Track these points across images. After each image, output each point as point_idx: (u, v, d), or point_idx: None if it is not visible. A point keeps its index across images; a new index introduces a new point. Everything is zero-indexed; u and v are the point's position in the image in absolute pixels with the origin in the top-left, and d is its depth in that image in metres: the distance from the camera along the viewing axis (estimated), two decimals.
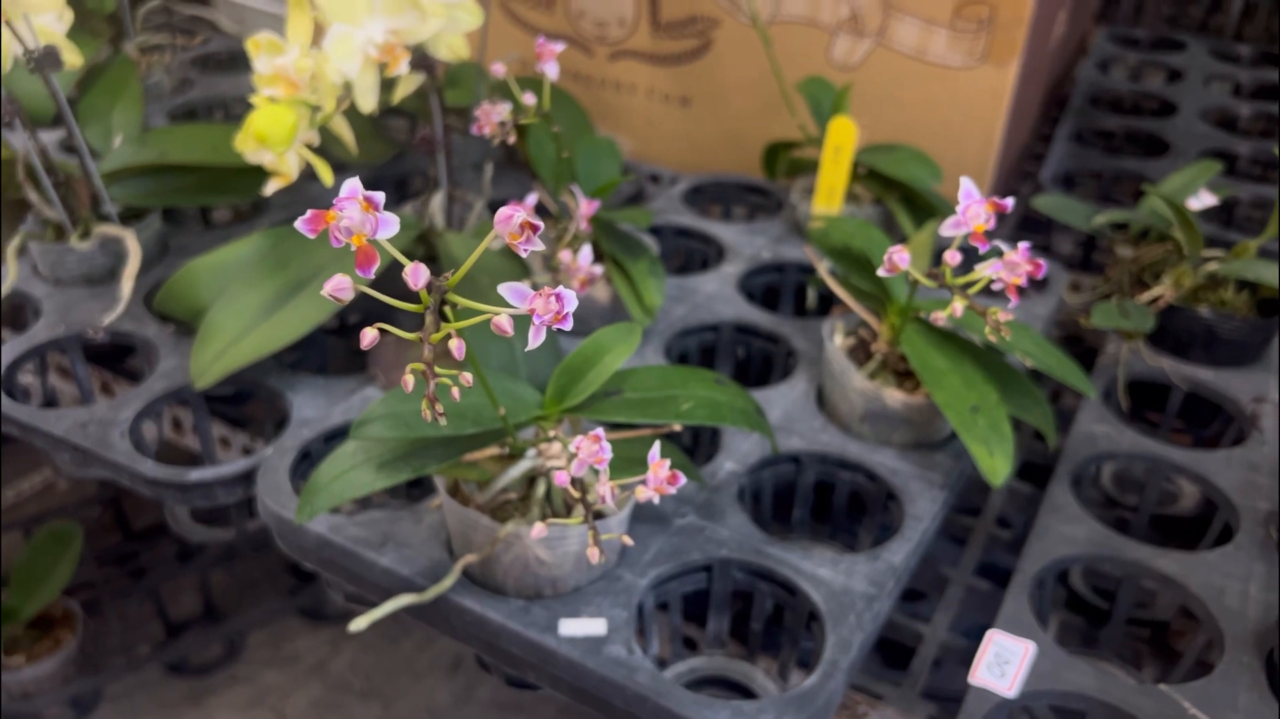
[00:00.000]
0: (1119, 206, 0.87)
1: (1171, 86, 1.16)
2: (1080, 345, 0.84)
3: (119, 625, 1.19)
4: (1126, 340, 0.73)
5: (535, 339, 0.33)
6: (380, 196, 0.32)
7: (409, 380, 0.33)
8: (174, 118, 1.02)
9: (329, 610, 1.28)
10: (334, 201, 0.31)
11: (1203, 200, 0.77)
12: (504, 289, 0.33)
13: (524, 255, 0.32)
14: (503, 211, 0.32)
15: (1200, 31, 1.34)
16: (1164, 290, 0.73)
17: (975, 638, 0.53)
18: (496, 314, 0.33)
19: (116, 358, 0.80)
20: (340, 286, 0.32)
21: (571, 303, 0.33)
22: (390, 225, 0.32)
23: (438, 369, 0.34)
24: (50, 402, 0.79)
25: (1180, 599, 0.56)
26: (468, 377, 0.34)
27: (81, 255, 0.75)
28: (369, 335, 0.32)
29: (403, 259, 0.33)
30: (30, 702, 1.09)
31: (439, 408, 0.33)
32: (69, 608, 1.14)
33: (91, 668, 1.14)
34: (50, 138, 0.92)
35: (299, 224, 0.31)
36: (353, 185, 0.32)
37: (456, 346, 0.33)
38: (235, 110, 1.06)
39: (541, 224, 0.32)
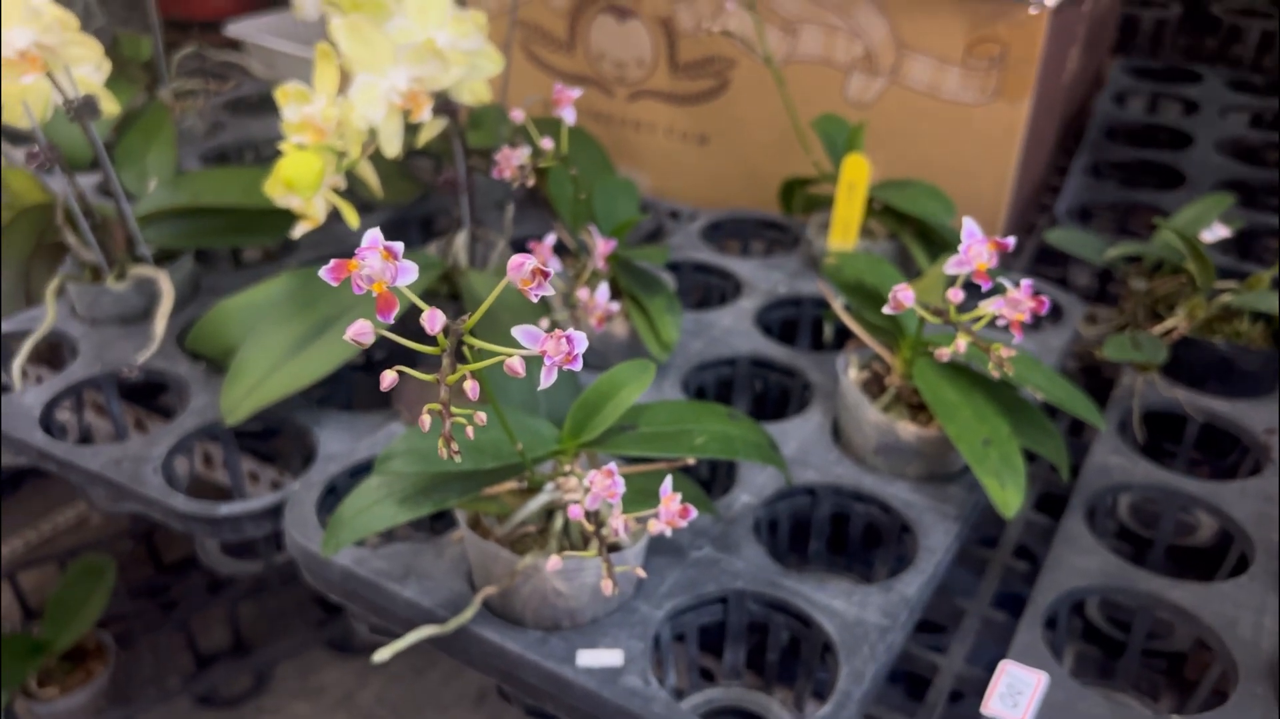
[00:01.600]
0: (1135, 239, 0.88)
1: (1188, 118, 1.16)
2: (1098, 378, 0.85)
3: (150, 657, 1.21)
4: (1141, 372, 0.74)
5: (547, 379, 0.35)
6: (399, 247, 0.33)
7: (426, 421, 0.35)
8: (207, 160, 1.05)
9: (356, 643, 1.30)
10: (356, 251, 0.33)
11: (1216, 233, 0.77)
12: (517, 332, 0.34)
13: (534, 301, 0.33)
14: (514, 259, 0.33)
15: (1217, 62, 1.34)
16: (1178, 322, 0.73)
17: (991, 669, 0.53)
18: (510, 355, 0.34)
19: (150, 395, 0.83)
20: (361, 332, 0.34)
21: (582, 344, 0.34)
22: (409, 273, 0.34)
23: (454, 409, 0.35)
24: (86, 438, 0.81)
25: (1194, 631, 0.56)
26: (482, 416, 0.36)
27: (117, 296, 0.78)
28: (388, 378, 0.34)
29: (422, 305, 0.34)
30: None
31: (454, 446, 0.35)
32: (101, 640, 1.16)
33: (123, 699, 1.15)
34: (88, 181, 0.95)
35: (323, 273, 0.33)
36: (373, 235, 0.33)
37: (471, 388, 0.34)
38: (266, 152, 1.09)
39: (552, 270, 0.34)
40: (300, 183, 0.60)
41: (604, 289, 0.67)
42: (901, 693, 0.64)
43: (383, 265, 0.33)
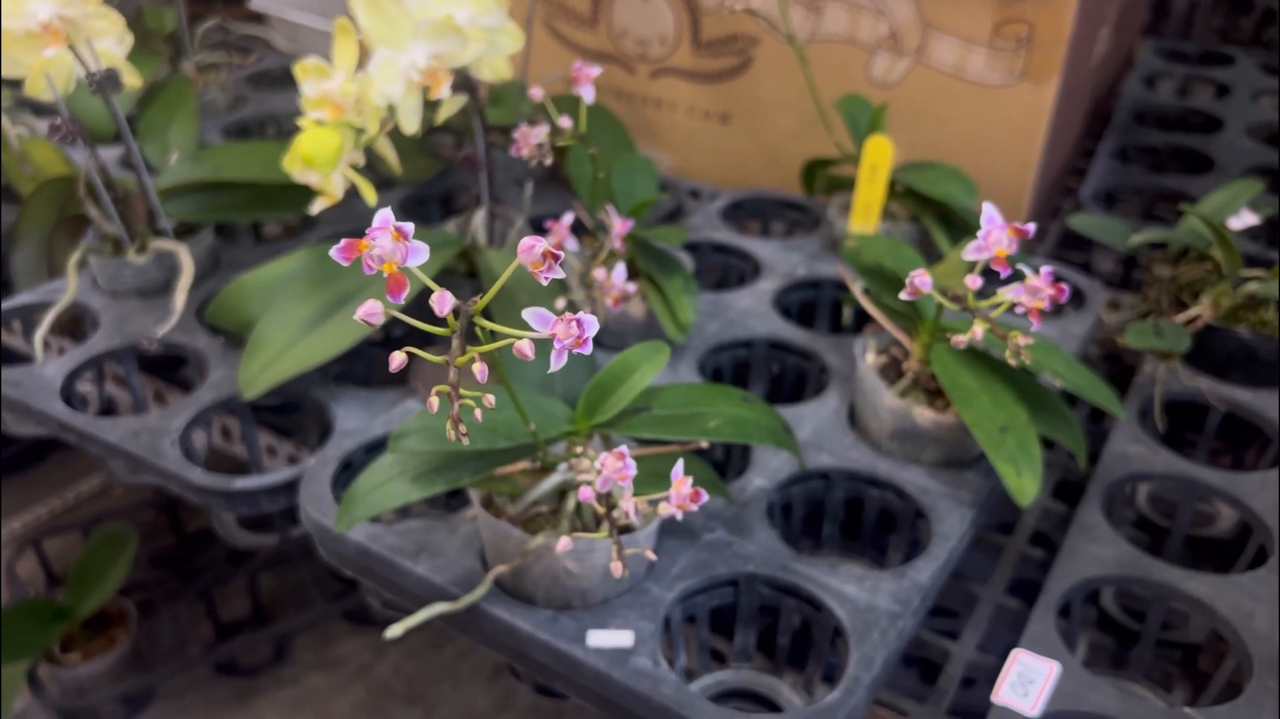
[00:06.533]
0: (1162, 224, 0.87)
1: (1219, 102, 1.14)
2: (1119, 364, 0.84)
3: (171, 626, 1.23)
4: (1163, 360, 0.73)
5: (557, 362, 0.34)
6: (409, 227, 0.33)
7: (434, 403, 0.35)
8: (228, 133, 1.05)
9: (374, 616, 1.31)
10: (366, 231, 0.33)
11: (1244, 219, 0.76)
12: (527, 314, 0.34)
13: (545, 283, 0.33)
14: (525, 241, 0.33)
15: (1251, 45, 1.32)
16: (1202, 310, 0.72)
17: (1004, 657, 0.53)
18: (520, 338, 0.34)
19: (170, 368, 0.83)
20: (371, 312, 0.34)
21: (592, 328, 0.34)
22: (420, 253, 0.34)
23: (464, 390, 0.35)
24: (108, 409, 0.82)
25: (1210, 622, 0.56)
26: (491, 398, 0.36)
27: (137, 269, 0.78)
28: (397, 359, 0.34)
29: (434, 286, 0.34)
30: (85, 698, 1.12)
31: (463, 428, 0.35)
32: (124, 608, 1.17)
33: (144, 667, 1.17)
34: (110, 154, 0.96)
35: (333, 253, 0.33)
36: (384, 215, 0.33)
37: (480, 370, 0.34)
38: (287, 126, 1.09)
39: (567, 250, 0.34)
40: (318, 159, 0.60)
41: (620, 269, 0.66)
42: (915, 677, 0.64)
43: (393, 246, 0.33)
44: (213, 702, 1.21)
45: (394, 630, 0.52)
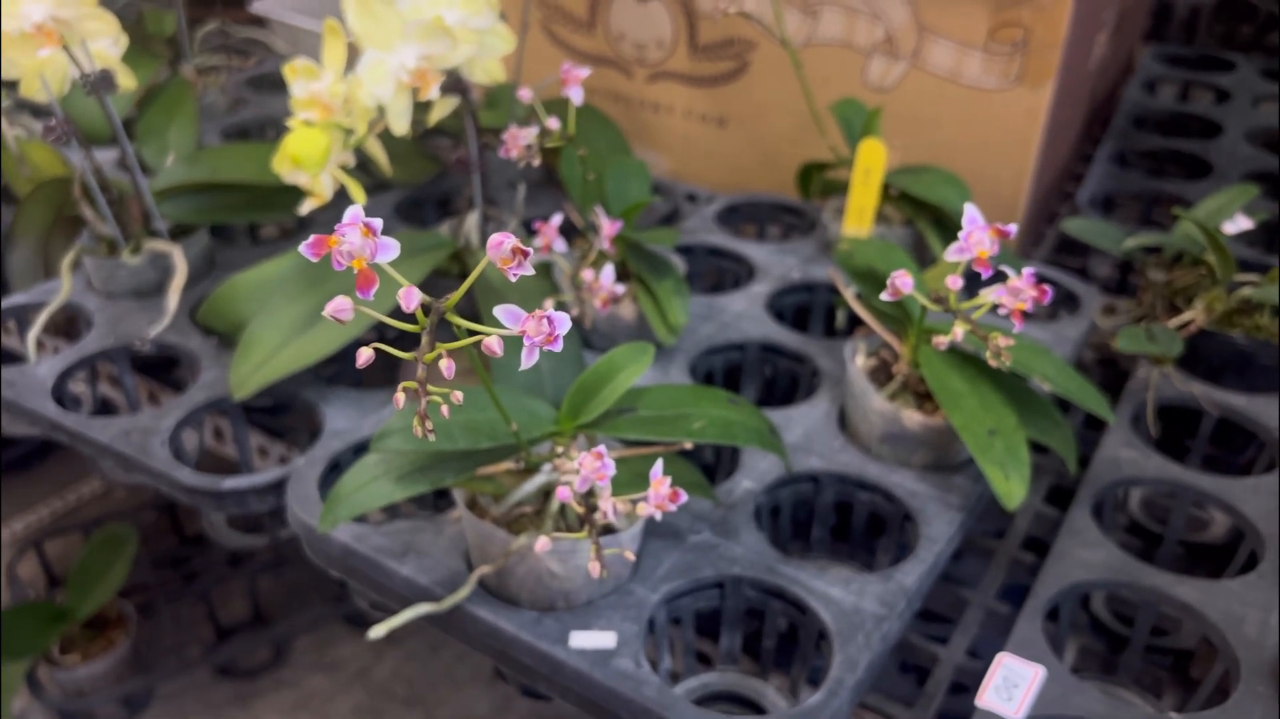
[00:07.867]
0: (1159, 229, 0.86)
1: (1219, 107, 1.14)
2: (1115, 368, 0.84)
3: (171, 627, 1.23)
4: (1156, 365, 0.73)
5: (528, 359, 0.34)
6: (378, 223, 0.33)
7: (399, 398, 0.35)
8: (228, 136, 1.06)
9: (373, 618, 1.31)
10: (335, 227, 0.33)
11: (1238, 224, 0.76)
12: (498, 311, 0.34)
13: (513, 279, 0.33)
14: (494, 238, 0.33)
15: (1252, 50, 1.31)
16: (1195, 315, 0.72)
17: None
18: (489, 335, 0.34)
19: (163, 369, 0.84)
20: (340, 308, 0.34)
21: (563, 325, 0.34)
22: (390, 249, 0.34)
23: (430, 388, 0.35)
24: (105, 410, 0.82)
25: (1200, 627, 0.56)
26: (459, 395, 0.36)
27: (132, 270, 0.78)
28: (364, 355, 0.34)
29: (401, 280, 0.34)
30: (84, 700, 1.13)
31: (429, 425, 0.35)
32: (123, 609, 1.17)
33: (143, 668, 1.17)
34: (108, 156, 0.96)
35: (303, 249, 0.33)
36: (354, 212, 0.33)
37: (446, 367, 0.34)
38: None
39: (531, 250, 0.34)
40: (306, 160, 0.61)
41: (609, 271, 0.66)
42: (912, 683, 0.64)
43: (362, 242, 0.33)
44: (212, 704, 1.21)
45: (377, 631, 0.52)
